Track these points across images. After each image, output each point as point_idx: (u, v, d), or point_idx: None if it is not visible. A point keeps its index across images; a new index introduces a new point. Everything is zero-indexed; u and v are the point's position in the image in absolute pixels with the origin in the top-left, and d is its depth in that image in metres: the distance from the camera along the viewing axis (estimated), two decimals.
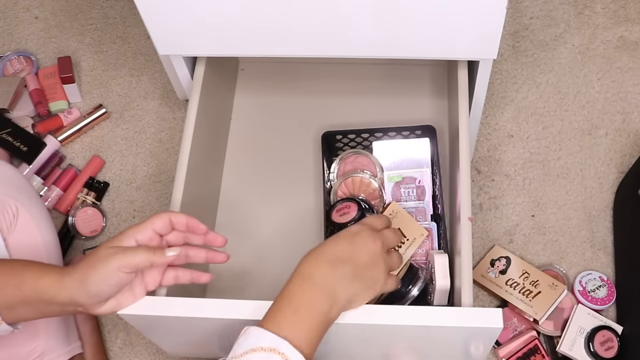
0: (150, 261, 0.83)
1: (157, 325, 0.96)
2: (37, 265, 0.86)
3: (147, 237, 0.86)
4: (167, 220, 0.87)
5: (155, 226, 0.86)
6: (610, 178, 1.32)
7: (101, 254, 0.82)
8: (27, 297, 0.83)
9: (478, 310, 0.89)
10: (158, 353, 1.21)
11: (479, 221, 1.29)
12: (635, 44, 1.45)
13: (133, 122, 1.43)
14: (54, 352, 1.06)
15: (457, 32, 1.02)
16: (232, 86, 1.39)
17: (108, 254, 0.82)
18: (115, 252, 0.82)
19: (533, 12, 1.50)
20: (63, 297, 0.82)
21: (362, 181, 1.16)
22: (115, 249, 0.83)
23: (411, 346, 1.00)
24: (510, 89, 1.42)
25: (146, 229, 0.86)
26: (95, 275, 0.81)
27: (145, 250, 0.83)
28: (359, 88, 1.36)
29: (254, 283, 1.20)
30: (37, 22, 1.57)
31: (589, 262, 1.25)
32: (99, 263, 0.82)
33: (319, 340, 0.80)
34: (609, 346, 1.14)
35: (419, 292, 1.02)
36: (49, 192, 1.35)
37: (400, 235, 0.86)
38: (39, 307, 0.85)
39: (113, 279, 0.82)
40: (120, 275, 0.82)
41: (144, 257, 0.82)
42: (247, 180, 1.29)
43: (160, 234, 0.88)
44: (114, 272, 0.81)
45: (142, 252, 0.82)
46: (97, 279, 0.81)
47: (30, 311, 0.85)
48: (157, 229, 0.87)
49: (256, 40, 1.07)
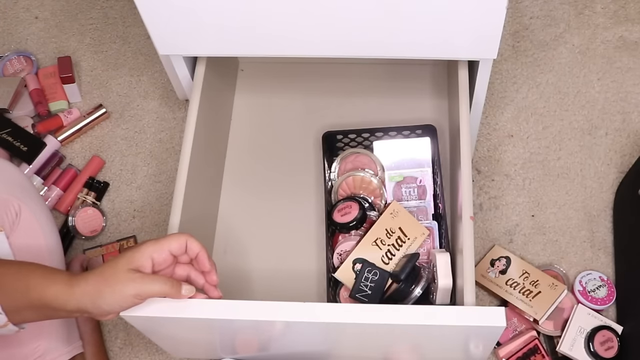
0: (166, 294, 0.85)
1: (157, 326, 0.96)
2: (43, 271, 0.86)
3: (162, 258, 0.86)
4: (184, 244, 0.88)
5: (171, 247, 0.87)
6: (610, 178, 1.32)
7: (120, 276, 0.83)
8: (34, 304, 0.83)
9: (481, 309, 0.89)
10: (158, 353, 1.21)
11: (479, 221, 1.29)
12: (635, 44, 1.45)
13: (133, 122, 1.43)
14: (55, 352, 1.06)
15: (458, 32, 1.02)
16: (232, 86, 1.39)
17: (127, 278, 0.83)
18: (134, 280, 0.83)
19: (533, 12, 1.50)
20: (71, 307, 0.83)
21: (362, 180, 1.16)
22: (134, 275, 0.83)
23: (413, 346, 1.00)
24: (510, 89, 1.42)
25: (163, 249, 0.86)
26: (109, 296, 0.82)
27: (163, 282, 0.85)
28: (360, 88, 1.36)
29: (254, 283, 1.20)
30: (37, 22, 1.57)
31: (589, 262, 1.25)
32: (116, 285, 0.82)
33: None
34: (609, 346, 1.14)
35: (422, 291, 1.02)
36: (49, 192, 1.35)
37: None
38: (45, 313, 0.85)
39: (127, 304, 0.84)
40: (134, 301, 0.84)
41: (161, 289, 0.84)
42: (247, 180, 1.29)
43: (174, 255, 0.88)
44: (128, 298, 0.83)
45: (159, 284, 0.84)
46: (111, 300, 0.82)
47: (36, 315, 0.86)
48: (173, 250, 0.87)
49: (256, 40, 1.07)
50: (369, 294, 1.06)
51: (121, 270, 0.83)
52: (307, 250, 1.22)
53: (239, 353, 1.08)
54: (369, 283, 1.06)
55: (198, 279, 0.91)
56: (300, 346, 1.01)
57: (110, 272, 0.83)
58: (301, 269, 1.20)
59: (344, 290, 1.11)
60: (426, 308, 0.89)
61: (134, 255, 0.85)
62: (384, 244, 1.09)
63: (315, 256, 1.21)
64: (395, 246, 1.09)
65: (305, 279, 1.19)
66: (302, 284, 1.18)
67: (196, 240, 0.89)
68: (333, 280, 1.11)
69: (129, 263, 0.84)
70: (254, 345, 1.05)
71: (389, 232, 1.10)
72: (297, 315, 0.89)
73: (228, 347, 1.05)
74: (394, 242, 1.10)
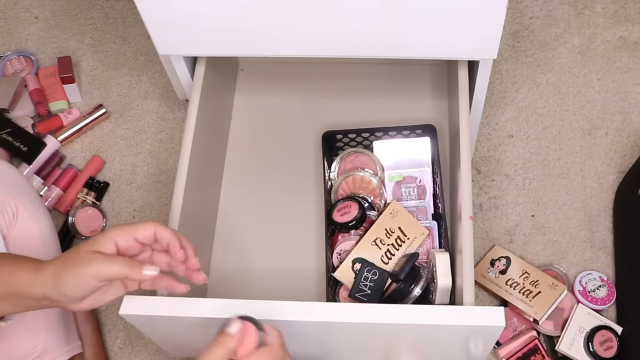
0: (126, 275, 0.80)
1: (157, 325, 0.96)
2: (12, 259, 0.84)
3: (127, 244, 0.83)
4: (152, 232, 0.84)
5: (137, 234, 0.83)
6: (610, 178, 1.32)
7: (80, 257, 0.80)
8: (5, 293, 0.82)
9: (480, 309, 0.89)
10: (158, 353, 1.21)
11: (479, 221, 1.29)
12: (635, 44, 1.45)
13: (133, 122, 1.43)
14: (53, 352, 1.06)
15: (458, 32, 1.02)
16: (232, 86, 1.39)
17: (86, 259, 0.79)
18: (93, 260, 0.79)
19: (533, 12, 1.50)
20: (37, 293, 0.81)
21: (362, 179, 1.17)
22: (94, 255, 0.80)
23: (412, 345, 1.00)
24: (510, 89, 1.42)
25: (127, 235, 0.83)
26: (68, 278, 0.79)
27: (123, 263, 0.80)
28: (359, 88, 1.36)
29: (253, 282, 1.20)
30: (37, 22, 1.57)
31: (589, 262, 1.25)
32: (74, 266, 0.79)
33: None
34: (609, 346, 1.14)
35: (421, 290, 1.02)
36: (49, 192, 1.35)
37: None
38: (17, 301, 0.83)
39: (86, 285, 0.80)
40: (94, 283, 0.80)
41: (121, 270, 0.80)
42: (247, 180, 1.29)
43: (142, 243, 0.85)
44: (87, 279, 0.79)
45: (119, 265, 0.80)
46: (70, 282, 0.80)
47: (10, 305, 0.84)
48: (138, 237, 0.83)
49: (256, 40, 1.07)
50: (369, 294, 1.06)
51: (82, 252, 0.80)
52: (306, 250, 1.22)
53: None
54: (368, 283, 1.06)
55: (179, 267, 0.87)
56: (300, 346, 1.01)
57: (71, 255, 0.81)
58: (301, 268, 1.20)
59: (344, 290, 1.11)
60: (425, 308, 0.89)
61: (97, 239, 0.82)
62: (384, 244, 1.09)
63: (314, 256, 1.21)
64: (395, 246, 1.09)
65: (305, 278, 1.19)
66: (302, 284, 1.18)
67: (166, 228, 0.84)
68: (332, 279, 1.11)
69: (90, 246, 0.81)
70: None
71: (389, 232, 1.10)
72: (296, 314, 0.90)
73: None
74: (393, 242, 1.10)
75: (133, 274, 0.80)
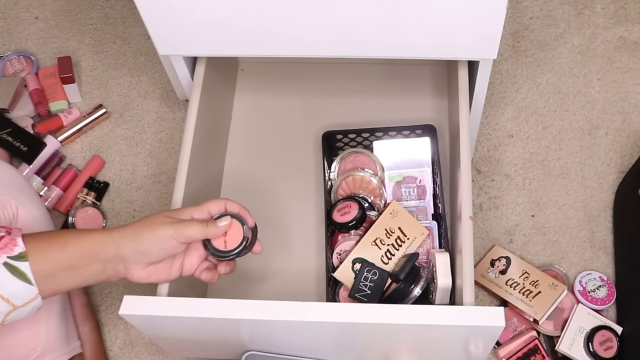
0: (204, 233, 0.90)
1: (157, 325, 0.96)
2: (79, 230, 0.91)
3: (203, 217, 0.92)
4: (223, 206, 0.94)
5: (211, 208, 0.93)
6: (610, 178, 1.32)
7: (158, 219, 0.87)
8: (70, 259, 0.85)
9: (480, 309, 0.89)
10: (158, 353, 1.21)
11: (479, 221, 1.29)
12: (635, 44, 1.45)
13: (133, 122, 1.43)
14: (53, 352, 1.06)
15: (457, 32, 1.02)
16: (232, 86, 1.39)
17: (165, 221, 0.87)
18: (172, 221, 0.87)
19: (533, 12, 1.50)
20: (108, 252, 0.85)
21: (362, 179, 1.17)
22: (172, 218, 0.88)
23: (412, 345, 1.00)
24: (510, 89, 1.42)
25: (203, 210, 0.92)
26: (149, 235, 0.86)
27: (199, 223, 0.89)
28: (359, 88, 1.36)
29: (254, 283, 1.20)
30: (37, 22, 1.57)
31: (589, 262, 1.25)
32: (155, 226, 0.86)
33: None
34: (609, 346, 1.14)
35: (421, 291, 1.02)
36: (49, 192, 1.35)
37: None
38: (79, 270, 0.86)
39: (165, 244, 0.87)
40: (173, 243, 0.87)
41: (198, 229, 0.89)
42: (247, 180, 1.29)
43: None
44: (167, 238, 0.87)
45: (196, 225, 0.89)
46: (150, 238, 0.86)
47: (70, 277, 0.86)
48: (212, 211, 0.93)
49: (256, 40, 1.07)
50: (369, 294, 1.06)
51: (160, 216, 0.89)
52: (306, 250, 1.22)
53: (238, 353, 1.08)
54: (368, 283, 1.06)
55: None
56: (299, 346, 1.01)
57: (149, 219, 0.88)
58: (300, 268, 1.20)
59: (344, 290, 1.11)
60: (425, 308, 0.90)
61: (175, 210, 0.91)
62: (384, 244, 1.09)
63: (314, 256, 1.21)
64: (395, 246, 1.09)
65: (305, 278, 1.19)
66: (302, 284, 1.18)
67: (235, 202, 0.95)
68: (332, 279, 1.11)
69: (168, 214, 0.89)
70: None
71: (389, 232, 1.10)
72: (296, 314, 0.90)
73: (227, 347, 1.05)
74: (393, 242, 1.10)
75: (210, 230, 0.90)
